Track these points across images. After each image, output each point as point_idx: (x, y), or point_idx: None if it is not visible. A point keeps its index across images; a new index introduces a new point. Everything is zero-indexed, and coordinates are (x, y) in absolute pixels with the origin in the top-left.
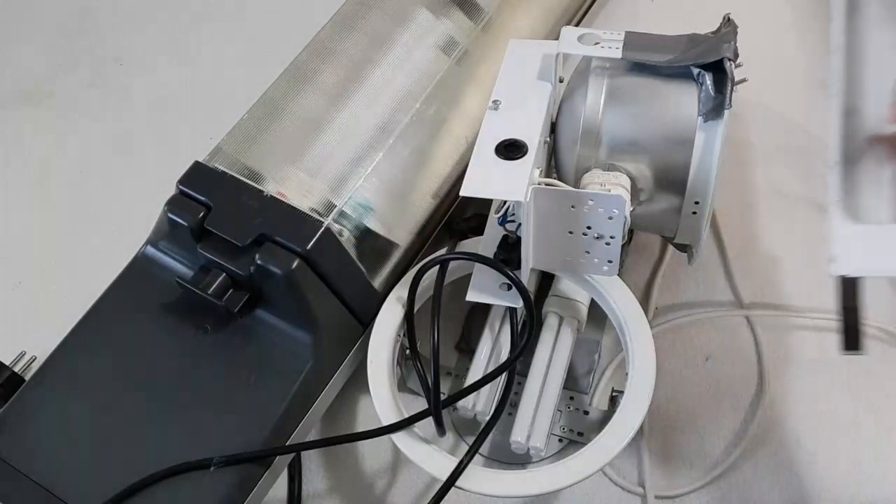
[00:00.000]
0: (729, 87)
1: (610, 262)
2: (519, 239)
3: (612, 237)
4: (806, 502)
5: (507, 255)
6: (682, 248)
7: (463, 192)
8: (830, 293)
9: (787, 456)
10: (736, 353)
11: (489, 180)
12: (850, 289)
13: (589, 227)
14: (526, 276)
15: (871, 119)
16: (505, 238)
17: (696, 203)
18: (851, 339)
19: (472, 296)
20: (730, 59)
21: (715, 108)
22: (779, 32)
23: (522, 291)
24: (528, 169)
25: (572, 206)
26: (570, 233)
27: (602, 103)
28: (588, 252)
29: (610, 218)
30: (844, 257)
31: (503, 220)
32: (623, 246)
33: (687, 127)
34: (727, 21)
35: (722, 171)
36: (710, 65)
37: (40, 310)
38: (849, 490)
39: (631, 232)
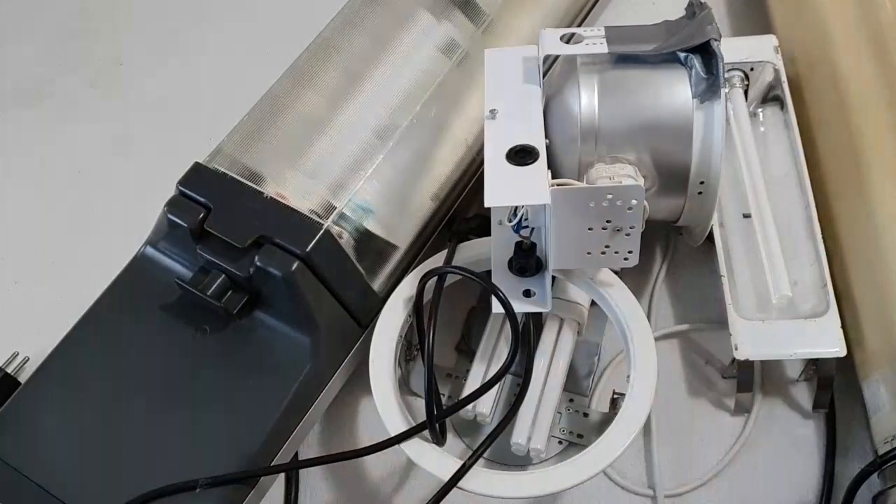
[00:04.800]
0: (720, 67)
1: (630, 252)
2: (533, 245)
3: (631, 227)
4: (804, 500)
5: (524, 262)
6: (680, 231)
7: (487, 203)
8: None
9: (784, 456)
10: None
11: (509, 188)
12: (745, 367)
13: (608, 221)
14: (549, 278)
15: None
16: (518, 245)
17: (702, 183)
18: (743, 404)
19: (497, 307)
20: (716, 40)
21: (708, 88)
22: None
23: (508, 309)
24: (544, 172)
25: (591, 203)
26: (590, 229)
27: (596, 99)
28: (608, 245)
29: (629, 209)
30: (741, 346)
31: (518, 227)
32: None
33: (683, 110)
34: (700, 4)
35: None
36: (696, 48)
37: (36, 310)
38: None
39: None
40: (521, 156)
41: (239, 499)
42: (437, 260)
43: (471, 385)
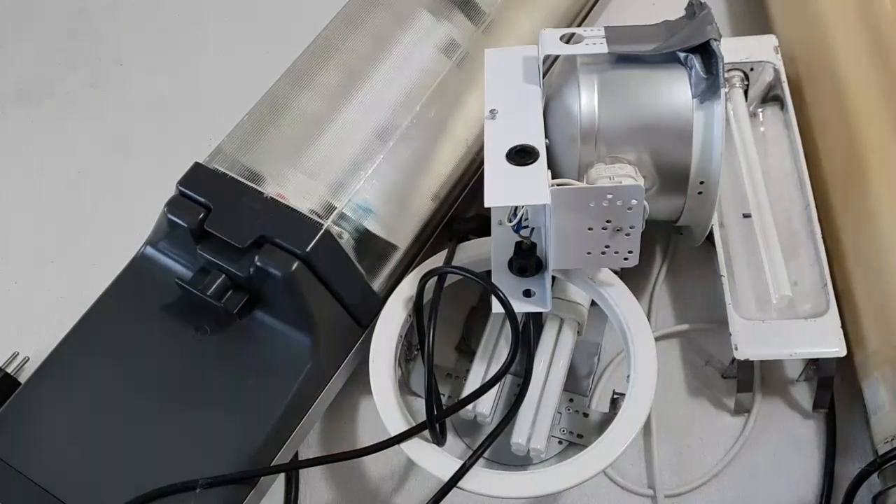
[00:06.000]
0: (720, 67)
1: (630, 252)
2: (533, 245)
3: (631, 227)
4: (804, 500)
5: (524, 262)
6: (679, 231)
7: (487, 203)
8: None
9: (784, 455)
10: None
11: (509, 188)
12: (745, 367)
13: (608, 221)
14: (549, 279)
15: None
16: (518, 245)
17: (702, 183)
18: (743, 404)
19: (497, 308)
20: (716, 40)
21: (708, 88)
22: None
23: (508, 310)
24: (544, 172)
25: (591, 203)
26: (590, 229)
27: (596, 99)
28: (608, 245)
29: (629, 209)
30: (741, 346)
31: (518, 227)
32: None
33: (683, 110)
34: (700, 4)
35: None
36: (696, 48)
37: (36, 310)
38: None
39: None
40: (521, 156)
41: (239, 499)
42: (437, 260)
43: (471, 385)
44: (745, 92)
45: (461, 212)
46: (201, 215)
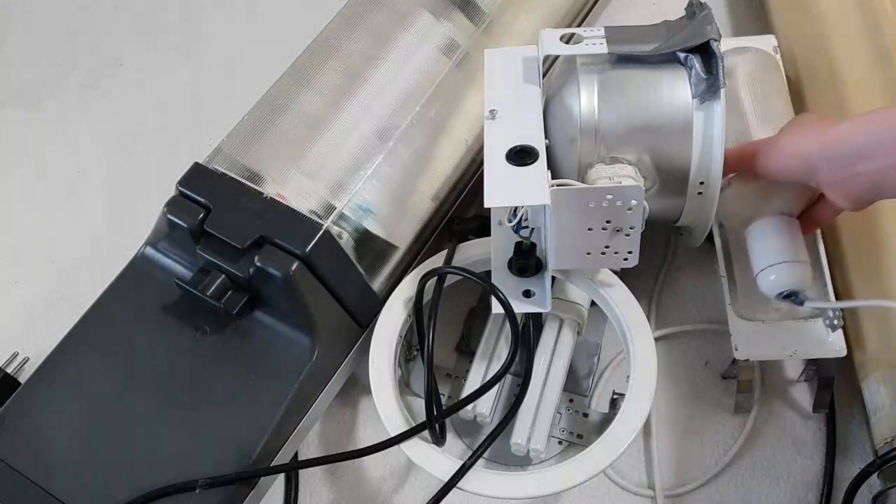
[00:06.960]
0: (720, 67)
1: (630, 252)
2: (533, 245)
3: (631, 228)
4: (804, 500)
5: (524, 262)
6: (679, 231)
7: (487, 203)
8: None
9: (784, 455)
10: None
11: (509, 188)
12: (745, 367)
13: (608, 222)
14: (549, 279)
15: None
16: (518, 245)
17: (702, 183)
18: (743, 404)
19: (497, 308)
20: (716, 40)
21: (708, 88)
22: None
23: (508, 310)
24: (543, 172)
25: (590, 203)
26: (590, 229)
27: (596, 99)
28: (608, 246)
29: (629, 209)
30: (741, 346)
31: (518, 228)
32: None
33: (683, 110)
34: (700, 4)
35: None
36: (696, 48)
37: (36, 310)
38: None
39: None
40: (520, 156)
41: (239, 499)
42: (437, 260)
43: (471, 385)
44: None
45: (461, 212)
46: (201, 215)
